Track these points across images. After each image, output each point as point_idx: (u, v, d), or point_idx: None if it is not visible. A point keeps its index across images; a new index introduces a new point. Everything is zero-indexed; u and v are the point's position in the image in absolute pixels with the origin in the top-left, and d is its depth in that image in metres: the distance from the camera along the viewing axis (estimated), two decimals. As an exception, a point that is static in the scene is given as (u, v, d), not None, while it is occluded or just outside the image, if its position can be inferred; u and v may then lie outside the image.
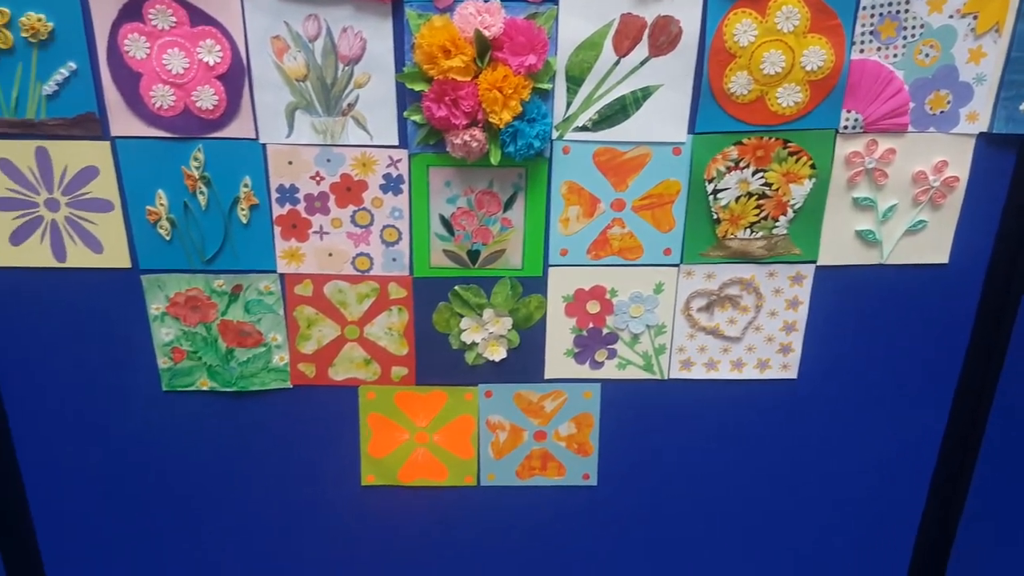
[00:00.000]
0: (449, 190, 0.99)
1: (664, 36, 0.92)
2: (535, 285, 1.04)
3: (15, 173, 0.96)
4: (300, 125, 0.96)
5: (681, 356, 1.07)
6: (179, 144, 0.96)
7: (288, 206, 1.00)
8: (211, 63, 0.92)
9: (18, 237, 1.00)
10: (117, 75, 0.93)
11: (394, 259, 1.03)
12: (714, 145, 0.97)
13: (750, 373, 1.09)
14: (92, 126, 0.94)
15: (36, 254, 1.00)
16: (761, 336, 1.07)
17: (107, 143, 0.95)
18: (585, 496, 1.14)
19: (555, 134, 0.96)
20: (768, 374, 1.09)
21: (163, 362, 1.06)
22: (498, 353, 1.07)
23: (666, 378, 1.09)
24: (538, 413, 1.10)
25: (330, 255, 1.03)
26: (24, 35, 0.90)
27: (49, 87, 0.93)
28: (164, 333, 1.05)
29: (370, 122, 0.96)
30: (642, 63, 0.93)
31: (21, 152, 0.96)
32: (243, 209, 0.99)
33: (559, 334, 1.06)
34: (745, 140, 0.96)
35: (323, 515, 1.15)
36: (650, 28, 0.91)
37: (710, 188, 0.98)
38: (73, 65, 0.92)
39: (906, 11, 0.92)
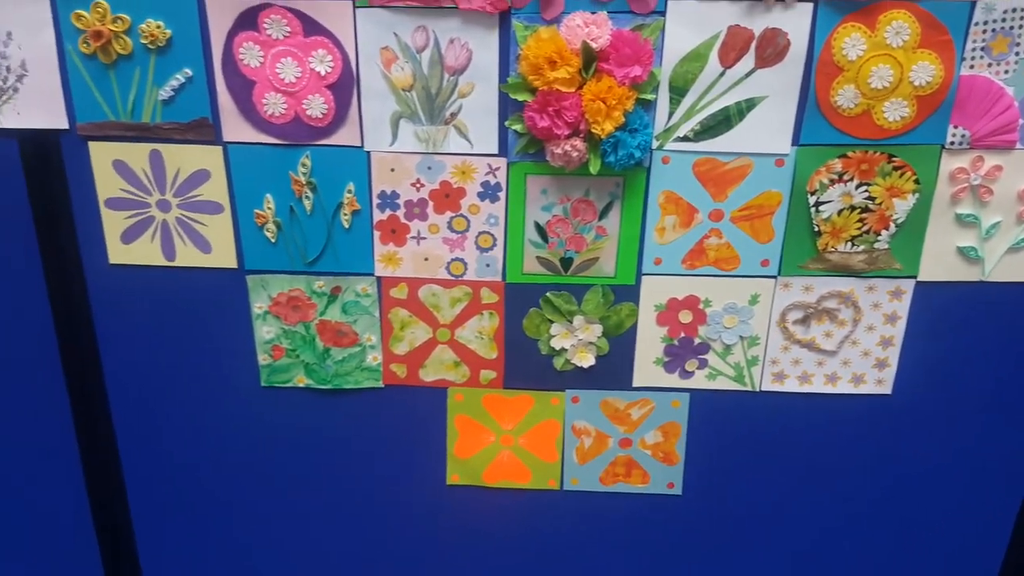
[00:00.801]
0: (545, 198, 1.01)
1: (771, 48, 0.92)
2: (627, 293, 1.05)
3: (129, 175, 1.02)
4: (404, 133, 0.99)
5: (774, 368, 1.08)
6: (288, 150, 1.00)
7: (388, 212, 1.03)
8: (322, 72, 0.96)
9: (130, 236, 1.05)
10: (231, 82, 0.97)
11: (488, 264, 1.06)
12: (818, 157, 0.97)
13: (844, 387, 1.09)
14: (205, 131, 0.99)
15: (147, 252, 1.06)
16: (857, 350, 1.07)
17: (219, 148, 1.00)
18: (669, 504, 1.16)
19: (655, 144, 0.97)
20: (862, 389, 1.09)
21: (263, 359, 1.11)
22: (587, 360, 1.09)
23: (758, 390, 1.09)
24: (624, 420, 1.12)
25: (426, 259, 1.06)
26: (143, 41, 0.95)
27: (165, 92, 0.97)
28: (265, 331, 1.10)
29: (472, 131, 0.99)
30: (747, 74, 0.94)
31: (136, 154, 1.01)
32: (346, 214, 1.03)
33: (649, 342, 1.07)
34: (850, 153, 0.96)
35: (408, 511, 1.19)
36: (757, 40, 0.92)
37: (812, 200, 0.99)
38: (189, 71, 0.97)
39: (1020, 27, 0.91)
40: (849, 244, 1.01)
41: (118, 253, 1.06)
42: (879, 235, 1.01)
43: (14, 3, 0.93)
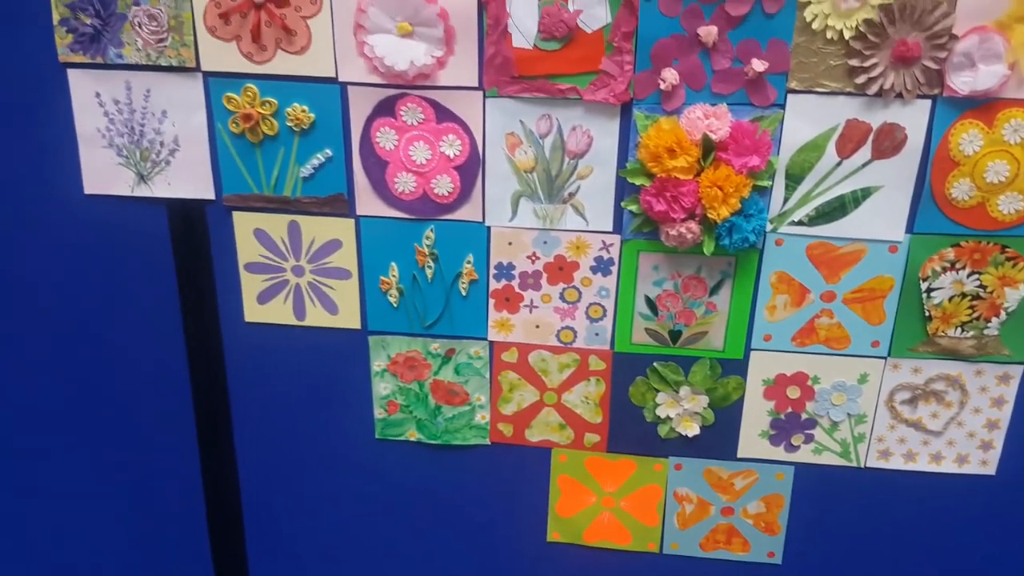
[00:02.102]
0: (657, 273, 1.08)
1: (888, 141, 0.98)
2: (735, 367, 1.11)
3: (269, 242, 1.12)
4: (523, 210, 1.07)
5: (880, 446, 1.12)
6: (414, 224, 1.09)
7: (504, 281, 1.11)
8: (451, 155, 1.05)
9: (265, 297, 1.16)
10: (367, 162, 1.07)
11: (597, 334, 1.13)
12: (931, 246, 1.02)
13: (948, 467, 1.12)
14: (340, 205, 1.09)
15: (279, 312, 1.16)
16: (963, 431, 1.10)
17: (352, 220, 1.10)
18: (768, 573, 1.20)
19: (769, 227, 1.03)
20: (966, 469, 1.12)
21: (379, 413, 1.20)
22: (691, 429, 1.14)
23: (863, 466, 1.14)
24: (727, 489, 1.17)
25: (537, 327, 1.13)
26: (289, 124, 1.05)
27: (306, 170, 1.08)
28: (382, 387, 1.19)
29: (588, 209, 1.06)
30: (864, 165, 0.99)
31: (276, 224, 1.11)
32: (464, 283, 1.12)
33: (756, 415, 1.13)
34: (963, 243, 1.01)
35: (509, 565, 1.27)
36: (875, 133, 0.98)
37: (924, 286, 1.03)
38: (329, 152, 1.07)
39: None
40: (959, 329, 1.05)
41: (254, 312, 1.16)
42: (989, 322, 1.04)
43: (171, 85, 1.05)
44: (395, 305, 1.14)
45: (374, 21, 0.99)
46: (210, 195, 1.10)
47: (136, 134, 1.06)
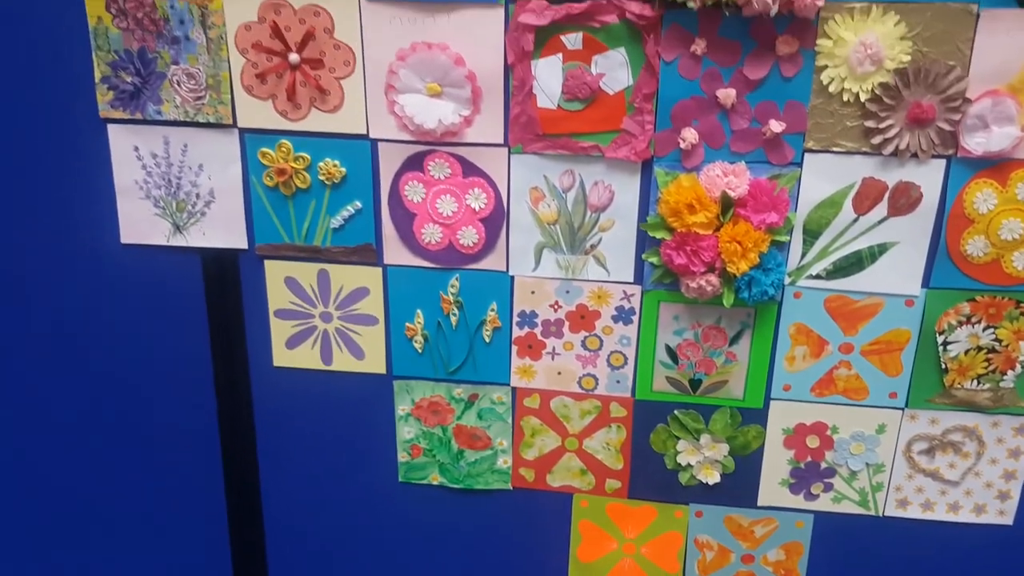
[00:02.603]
0: (677, 323, 1.12)
1: (904, 199, 1.01)
2: (755, 416, 1.14)
3: (299, 289, 1.17)
4: (546, 261, 1.12)
5: (898, 495, 1.15)
6: (440, 273, 1.13)
7: (527, 329, 1.15)
8: (476, 208, 1.09)
9: (293, 342, 1.20)
10: (395, 214, 1.11)
11: (618, 381, 1.16)
12: (947, 300, 1.05)
13: (966, 516, 1.15)
14: (369, 255, 1.14)
15: (307, 357, 1.20)
16: (980, 481, 1.13)
17: (379, 269, 1.14)
18: (787, 619, 1.23)
19: (788, 280, 1.07)
20: (984, 518, 1.14)
21: (402, 456, 1.24)
22: (712, 476, 1.17)
23: (881, 515, 1.16)
24: (747, 537, 1.20)
25: (559, 373, 1.17)
26: (320, 177, 1.10)
27: (336, 221, 1.12)
28: (406, 431, 1.22)
29: (609, 261, 1.10)
30: (880, 221, 1.03)
31: (305, 272, 1.16)
32: (487, 330, 1.15)
33: (775, 464, 1.16)
34: (978, 298, 1.04)
35: (529, 608, 1.29)
36: (891, 191, 1.01)
37: (940, 339, 1.06)
38: (359, 204, 1.11)
39: None
40: (975, 382, 1.08)
41: (282, 357, 1.21)
42: (1005, 375, 1.07)
43: (208, 140, 1.10)
44: (420, 351, 1.18)
45: (405, 82, 1.04)
46: (243, 244, 1.15)
47: (173, 186, 1.12)
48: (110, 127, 1.09)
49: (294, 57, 1.03)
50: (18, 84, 1.08)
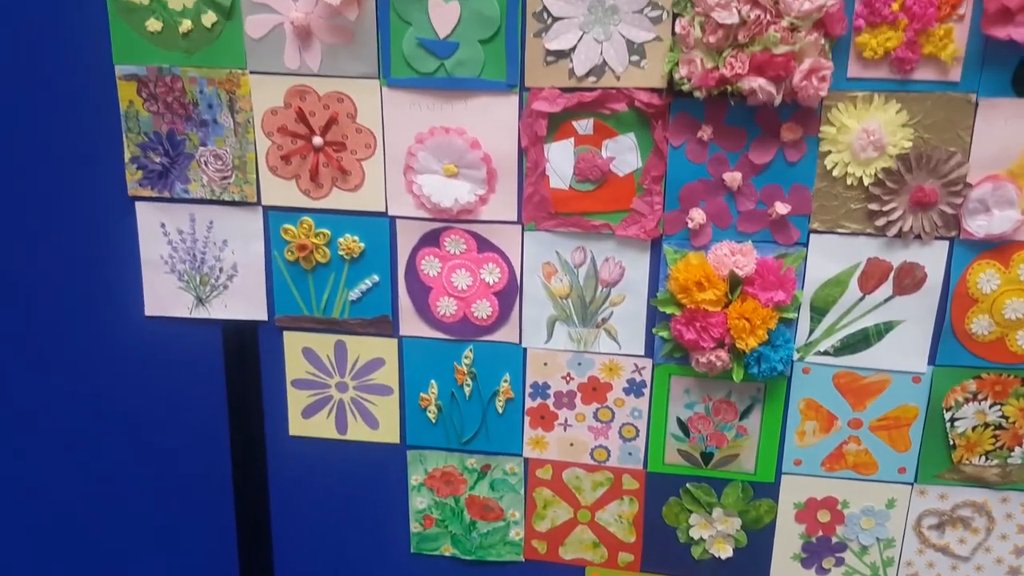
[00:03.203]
0: (688, 396, 1.15)
1: (909, 279, 1.05)
2: (766, 490, 1.16)
3: (316, 360, 1.21)
4: (558, 333, 1.16)
5: (909, 570, 1.16)
6: (454, 344, 1.17)
7: (539, 400, 1.19)
8: (490, 282, 1.14)
9: (309, 412, 1.24)
10: (411, 287, 1.16)
11: (630, 453, 1.19)
12: (953, 377, 1.08)
13: (979, 592, 1.16)
14: (385, 326, 1.18)
15: (322, 427, 1.24)
16: (990, 557, 1.14)
17: (395, 340, 1.19)
18: None
19: (796, 356, 1.10)
20: (997, 594, 1.16)
21: (415, 527, 1.26)
22: (724, 551, 1.19)
23: (893, 590, 1.18)
24: (760, 610, 1.21)
25: (571, 445, 1.20)
26: (340, 252, 1.15)
27: (354, 294, 1.17)
28: (419, 501, 1.25)
29: (620, 334, 1.14)
30: (886, 300, 1.07)
31: (323, 343, 1.20)
32: (500, 401, 1.19)
33: (787, 538, 1.18)
34: (984, 375, 1.07)
35: None
36: (895, 271, 1.05)
37: (948, 416, 1.09)
38: (376, 278, 1.16)
39: None
40: (983, 458, 1.10)
41: (298, 426, 1.24)
42: (1012, 451, 1.10)
43: (233, 217, 1.15)
44: (433, 421, 1.21)
45: (423, 163, 1.09)
46: (263, 316, 1.19)
47: (198, 261, 1.17)
48: (138, 204, 1.15)
49: (318, 140, 1.09)
50: (51, 162, 1.14)
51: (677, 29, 0.98)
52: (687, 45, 0.98)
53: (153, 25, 1.05)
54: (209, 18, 1.04)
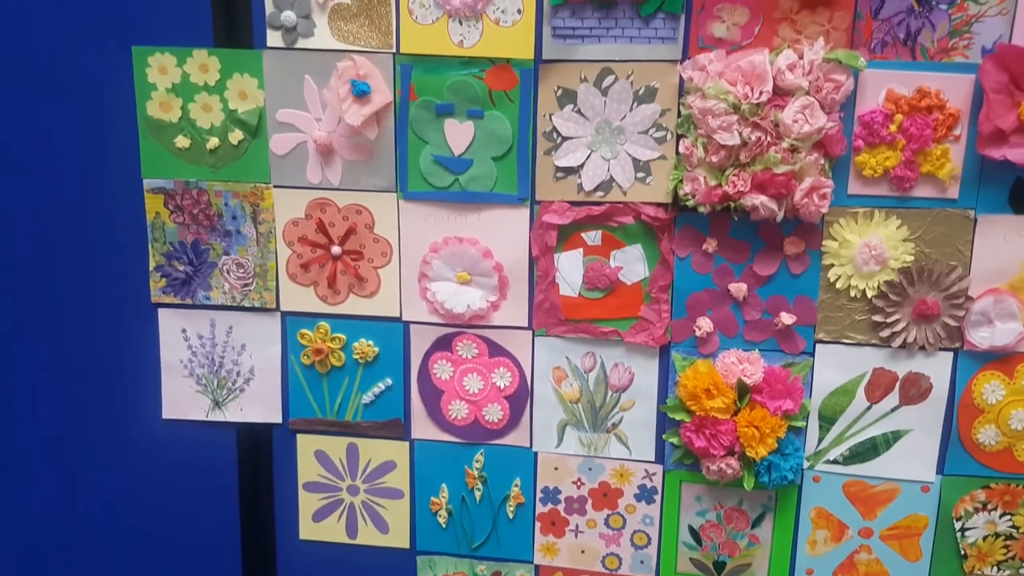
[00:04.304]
0: (699, 504, 1.17)
1: (915, 389, 1.09)
2: (779, 599, 1.18)
3: (328, 463, 1.25)
4: (568, 438, 1.19)
5: None
6: (465, 448, 1.21)
7: (550, 505, 1.21)
8: (502, 386, 1.18)
9: (320, 515, 1.27)
10: (423, 390, 1.20)
11: (642, 561, 1.21)
12: (962, 487, 1.10)
13: None
14: (397, 429, 1.22)
15: (333, 531, 1.27)
16: (1012, 669, 1.15)
17: (407, 443, 1.22)
18: None
19: (806, 464, 1.13)
20: None
21: (424, 634, 1.28)
22: (738, 661, 1.20)
23: None
24: None
25: (582, 552, 1.22)
26: (355, 356, 1.20)
27: (367, 397, 1.21)
28: (428, 608, 1.27)
29: (631, 439, 1.18)
30: (893, 410, 1.10)
31: (335, 446, 1.24)
32: (511, 506, 1.22)
33: (802, 650, 1.18)
34: (993, 485, 1.10)
35: None
36: (901, 381, 1.09)
37: (958, 525, 1.11)
38: (389, 381, 1.21)
39: None
40: (995, 568, 1.12)
41: (308, 530, 1.27)
42: (1025, 562, 1.11)
43: (252, 323, 1.21)
44: (444, 525, 1.24)
45: (437, 271, 1.15)
46: (277, 419, 1.23)
47: (216, 365, 1.22)
48: (160, 311, 1.21)
49: (336, 249, 1.15)
50: (78, 270, 1.21)
51: (681, 149, 1.05)
52: (691, 164, 1.04)
53: (182, 142, 1.13)
54: (236, 136, 1.12)
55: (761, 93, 0.99)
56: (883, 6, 1.00)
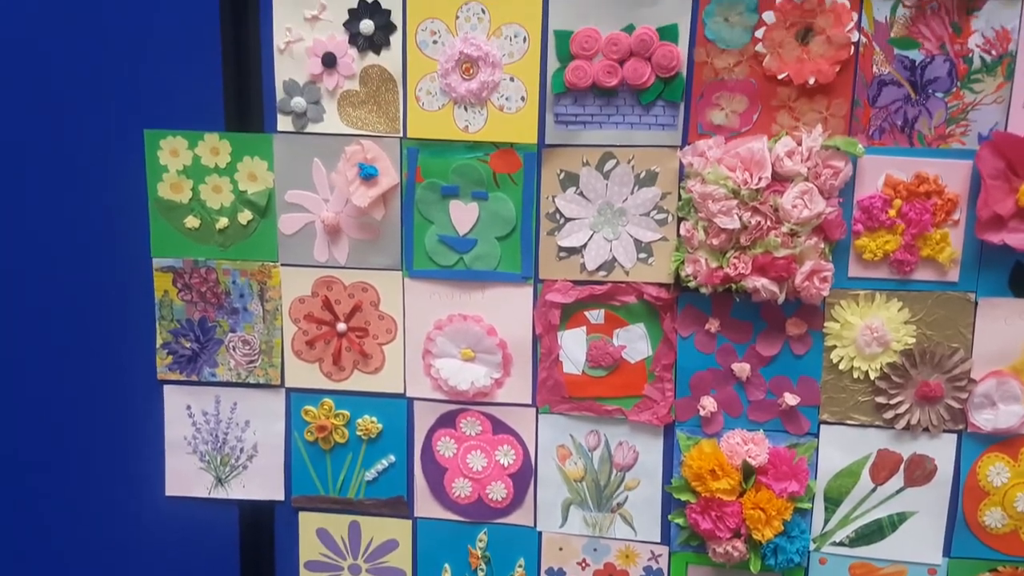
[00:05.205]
0: (706, 585, 1.18)
1: (919, 471, 1.10)
2: None
3: (330, 541, 1.26)
4: (573, 517, 1.20)
5: None
6: (469, 526, 1.22)
7: (554, 585, 1.22)
8: (505, 464, 1.20)
9: (321, 595, 1.28)
10: (427, 468, 1.22)
11: (648, 642, 1.21)
12: (969, 570, 1.12)
13: None
14: (400, 507, 1.23)
15: (332, 610, 1.28)
16: None
17: (409, 522, 1.24)
18: None
19: (813, 546, 1.14)
20: None
21: None
22: None
23: None
24: None
25: (587, 632, 1.22)
26: (358, 433, 1.22)
27: (371, 474, 1.23)
28: None
29: (636, 520, 1.19)
30: (898, 491, 1.11)
31: (338, 524, 1.25)
32: (515, 586, 1.23)
33: None
34: (1000, 568, 1.11)
35: None
36: (906, 463, 1.11)
37: (967, 609, 1.12)
38: (392, 458, 1.22)
39: None
40: (1011, 655, 1.12)
41: (309, 610, 1.28)
42: (1039, 648, 1.11)
43: (256, 399, 1.23)
44: (447, 606, 1.25)
45: (441, 348, 1.18)
46: (280, 496, 1.25)
47: (220, 441, 1.24)
48: (166, 387, 1.24)
49: (342, 326, 1.18)
50: (85, 346, 1.24)
51: (682, 231, 1.08)
52: (692, 246, 1.07)
53: (192, 222, 1.17)
54: (245, 216, 1.16)
55: (760, 179, 1.03)
56: (880, 94, 1.04)
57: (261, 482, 1.25)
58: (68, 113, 1.17)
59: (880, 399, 1.09)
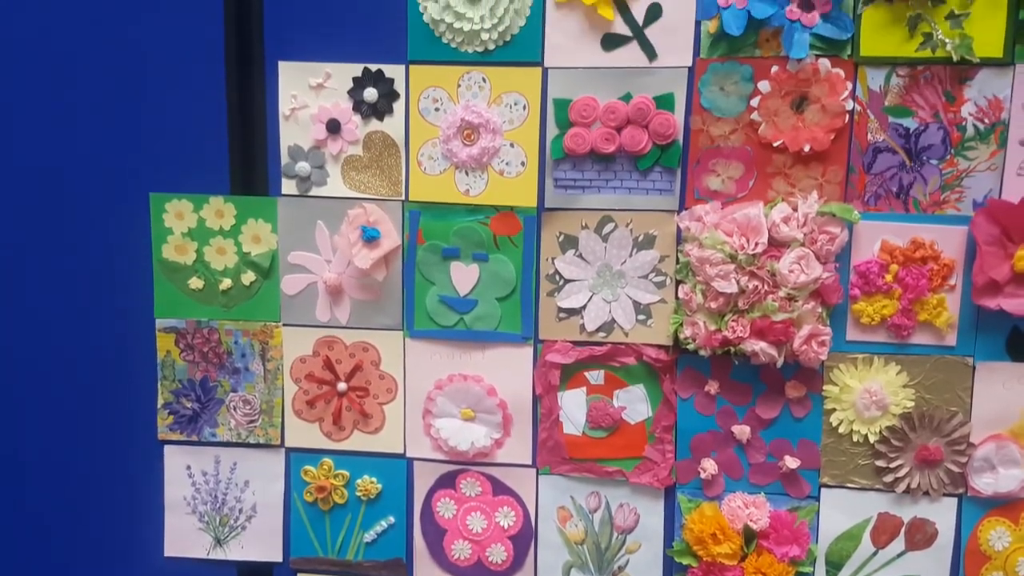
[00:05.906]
0: (708, 650, 1.18)
1: (920, 535, 1.11)
2: None
3: (328, 603, 1.27)
4: (574, 581, 1.21)
5: None
6: (468, 589, 1.23)
7: (555, 649, 1.22)
8: (505, 526, 1.21)
9: (318, 658, 1.28)
10: (426, 529, 1.23)
11: None
12: (976, 637, 1.12)
13: None
14: (399, 570, 1.24)
15: (330, 674, 1.28)
16: None
17: (408, 585, 1.25)
18: None
19: (815, 612, 1.15)
20: None
21: None
22: None
23: None
24: None
25: None
26: (358, 493, 1.23)
27: (370, 535, 1.24)
28: None
29: (637, 582, 1.20)
30: (899, 555, 1.12)
31: (337, 586, 1.27)
32: (515, 652, 1.23)
33: None
34: (1008, 634, 1.11)
35: None
36: (907, 527, 1.12)
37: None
38: (392, 519, 1.24)
39: None
40: None
41: (304, 673, 1.28)
42: None
43: (257, 459, 1.25)
44: (446, 673, 1.25)
45: (441, 407, 1.20)
46: (278, 558, 1.26)
47: (219, 502, 1.25)
48: (166, 447, 1.25)
49: (342, 386, 1.21)
50: (86, 408, 1.26)
51: (680, 294, 1.11)
52: (690, 309, 1.10)
53: (195, 283, 1.20)
54: (248, 277, 1.19)
55: (757, 244, 1.05)
56: (875, 161, 1.07)
57: (260, 543, 1.26)
58: (75, 176, 1.21)
59: (880, 462, 1.10)
